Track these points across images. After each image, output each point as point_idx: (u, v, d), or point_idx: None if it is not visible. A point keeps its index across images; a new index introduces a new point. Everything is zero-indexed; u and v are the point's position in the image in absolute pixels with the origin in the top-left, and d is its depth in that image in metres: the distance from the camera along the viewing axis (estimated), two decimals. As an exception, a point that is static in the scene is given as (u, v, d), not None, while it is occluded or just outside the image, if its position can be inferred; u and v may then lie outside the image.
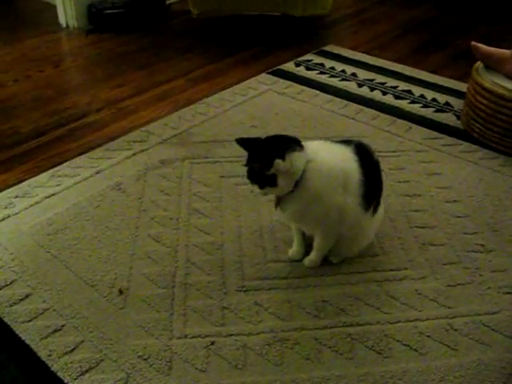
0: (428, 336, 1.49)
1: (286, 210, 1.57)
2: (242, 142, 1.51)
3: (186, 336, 1.48)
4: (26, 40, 3.37)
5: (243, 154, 1.81)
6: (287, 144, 1.48)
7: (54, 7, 3.62)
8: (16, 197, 1.98)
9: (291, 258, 1.72)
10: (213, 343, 1.46)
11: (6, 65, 3.06)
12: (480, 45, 2.38)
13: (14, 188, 2.03)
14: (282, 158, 1.44)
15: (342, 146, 1.58)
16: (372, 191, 1.58)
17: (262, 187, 1.49)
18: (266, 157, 1.44)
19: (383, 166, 1.70)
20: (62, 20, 3.57)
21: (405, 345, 1.46)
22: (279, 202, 1.56)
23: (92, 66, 3.10)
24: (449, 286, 1.65)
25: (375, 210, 1.65)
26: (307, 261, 1.69)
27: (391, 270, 1.69)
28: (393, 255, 1.75)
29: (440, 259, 1.74)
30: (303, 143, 1.51)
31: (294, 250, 1.73)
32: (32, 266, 1.69)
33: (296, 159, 1.46)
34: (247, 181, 1.52)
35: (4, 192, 2.01)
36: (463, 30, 3.61)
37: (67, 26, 3.54)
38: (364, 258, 1.73)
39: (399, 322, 1.53)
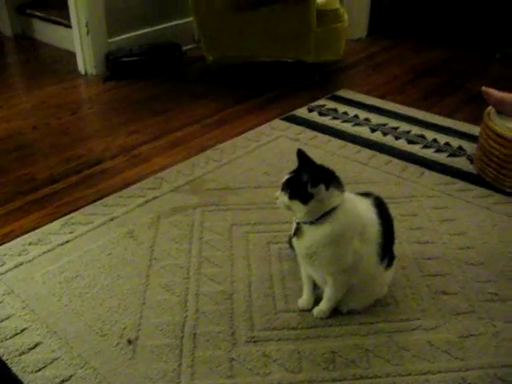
0: (440, 390, 1.46)
1: (302, 241, 1.57)
2: (303, 156, 1.53)
3: (193, 388, 1.47)
4: (46, 87, 3.46)
5: (255, 201, 1.79)
6: (337, 181, 1.52)
7: (73, 55, 3.72)
8: (30, 244, 2.00)
9: (301, 307, 1.71)
10: (220, 396, 1.45)
11: (26, 112, 3.14)
12: (491, 90, 2.38)
13: (28, 235, 2.05)
14: (327, 187, 1.48)
15: (362, 197, 1.64)
16: (386, 243, 1.61)
17: (292, 197, 1.50)
18: (318, 176, 1.48)
19: (395, 212, 1.70)
20: (80, 67, 3.66)
21: (416, 399, 1.43)
22: (298, 230, 1.57)
23: (108, 112, 3.16)
24: (462, 336, 1.62)
25: (390, 264, 1.67)
26: (317, 311, 1.68)
27: (402, 321, 1.67)
28: (404, 305, 1.73)
29: (453, 309, 1.71)
30: None
31: (304, 299, 1.72)
32: (43, 314, 1.70)
33: (335, 196, 1.50)
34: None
35: (18, 239, 2.03)
36: (475, 72, 3.63)
37: (86, 73, 3.64)
38: (375, 307, 1.71)
39: (410, 374, 1.50)
